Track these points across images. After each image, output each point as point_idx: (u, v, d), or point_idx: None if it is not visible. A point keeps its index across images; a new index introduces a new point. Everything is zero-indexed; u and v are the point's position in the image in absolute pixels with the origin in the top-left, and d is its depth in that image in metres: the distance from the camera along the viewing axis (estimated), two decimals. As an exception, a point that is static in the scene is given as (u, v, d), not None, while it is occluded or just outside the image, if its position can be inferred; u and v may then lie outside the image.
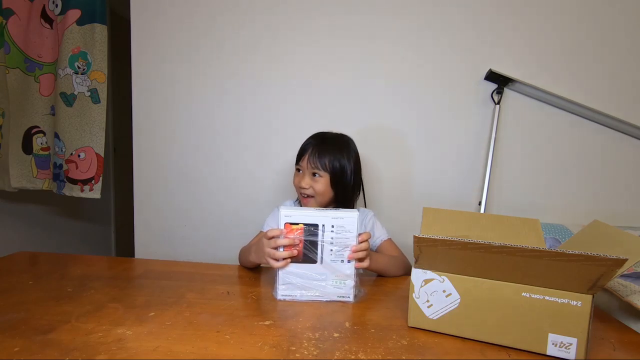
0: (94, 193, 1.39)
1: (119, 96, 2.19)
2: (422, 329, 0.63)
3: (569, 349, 0.54)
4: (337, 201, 0.96)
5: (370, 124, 1.30)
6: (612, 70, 1.21)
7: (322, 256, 0.73)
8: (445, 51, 1.25)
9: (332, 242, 0.72)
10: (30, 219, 1.73)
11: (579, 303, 0.53)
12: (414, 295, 0.63)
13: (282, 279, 0.73)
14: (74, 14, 1.32)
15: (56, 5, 1.36)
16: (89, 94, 1.35)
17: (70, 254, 1.01)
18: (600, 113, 1.20)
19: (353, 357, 0.53)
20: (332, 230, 0.72)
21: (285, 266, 0.73)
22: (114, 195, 2.33)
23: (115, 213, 2.35)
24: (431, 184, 1.30)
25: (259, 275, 0.87)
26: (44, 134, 1.44)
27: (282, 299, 0.73)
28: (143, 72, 1.35)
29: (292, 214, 0.72)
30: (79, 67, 1.34)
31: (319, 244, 0.73)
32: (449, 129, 1.28)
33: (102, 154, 1.38)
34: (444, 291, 0.60)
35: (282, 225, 0.73)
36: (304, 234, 0.72)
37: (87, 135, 1.35)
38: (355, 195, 1.00)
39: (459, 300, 0.60)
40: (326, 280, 0.73)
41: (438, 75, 1.26)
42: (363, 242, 0.74)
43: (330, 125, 1.05)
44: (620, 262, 0.48)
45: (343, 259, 0.73)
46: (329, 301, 0.73)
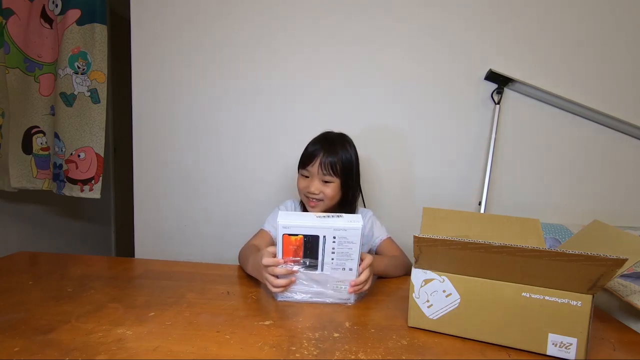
0: (94, 193, 1.39)
1: (119, 96, 2.19)
2: (422, 329, 0.63)
3: (569, 349, 0.54)
4: (342, 202, 0.97)
5: (370, 124, 1.30)
6: (612, 70, 1.21)
7: (323, 264, 0.70)
8: (445, 51, 1.25)
9: (334, 252, 0.69)
10: (30, 219, 1.73)
11: (579, 303, 0.53)
12: (414, 295, 0.63)
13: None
14: (74, 14, 1.32)
15: (56, 5, 1.36)
16: (88, 94, 1.35)
17: (70, 254, 1.01)
18: (600, 113, 1.20)
19: (353, 357, 0.53)
20: (334, 242, 0.67)
21: (284, 291, 0.71)
22: (114, 195, 2.33)
23: (115, 213, 2.35)
24: (431, 184, 1.30)
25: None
26: (44, 134, 1.44)
27: (282, 300, 0.73)
28: (143, 72, 1.35)
29: (291, 225, 0.66)
30: (78, 67, 1.34)
31: (320, 254, 0.69)
32: (449, 129, 1.28)
33: (102, 154, 1.38)
34: (444, 291, 0.60)
35: (280, 236, 0.67)
36: (304, 246, 0.68)
37: (87, 135, 1.35)
38: (357, 195, 1.00)
39: (459, 300, 0.60)
40: (326, 284, 0.71)
41: (438, 76, 1.26)
42: (363, 274, 0.71)
43: (330, 126, 1.05)
44: (620, 262, 0.48)
45: (344, 267, 0.70)
46: (329, 303, 0.73)
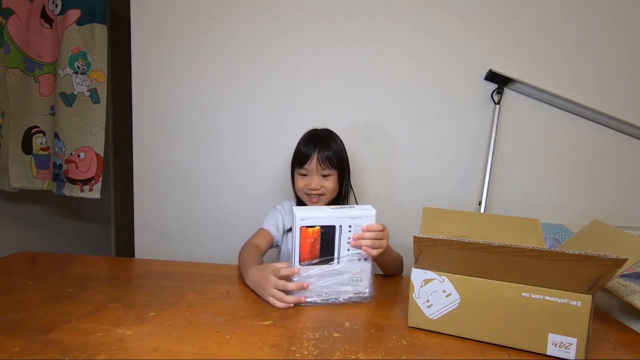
0: (94, 193, 1.39)
1: (119, 96, 2.19)
2: (422, 329, 0.63)
3: (569, 349, 0.54)
4: (339, 194, 1.00)
5: (370, 124, 1.30)
6: (612, 70, 1.21)
7: (339, 256, 0.71)
8: (445, 51, 1.25)
9: (349, 242, 0.71)
10: (30, 219, 1.73)
11: (579, 303, 0.53)
12: (414, 295, 0.63)
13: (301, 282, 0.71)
14: (74, 14, 1.32)
15: (56, 5, 1.36)
16: (88, 94, 1.35)
17: (70, 254, 1.00)
18: (600, 113, 1.20)
19: (353, 357, 0.53)
20: (350, 231, 0.71)
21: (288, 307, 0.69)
22: (114, 195, 2.33)
23: (115, 213, 2.35)
24: (431, 184, 1.30)
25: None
26: (44, 134, 1.44)
27: (300, 302, 0.70)
28: (143, 72, 1.35)
29: (308, 217, 0.68)
30: (78, 67, 1.34)
31: (336, 245, 0.70)
32: (449, 129, 1.28)
33: (102, 154, 1.38)
34: (444, 291, 0.60)
35: (298, 228, 0.68)
36: (320, 238, 0.69)
37: (87, 135, 1.35)
38: (349, 189, 1.04)
39: (459, 300, 0.60)
40: (343, 277, 0.72)
41: (438, 76, 1.26)
42: (373, 232, 0.72)
43: (331, 126, 1.05)
44: (620, 262, 0.48)
45: (360, 257, 0.72)
46: (346, 302, 0.72)
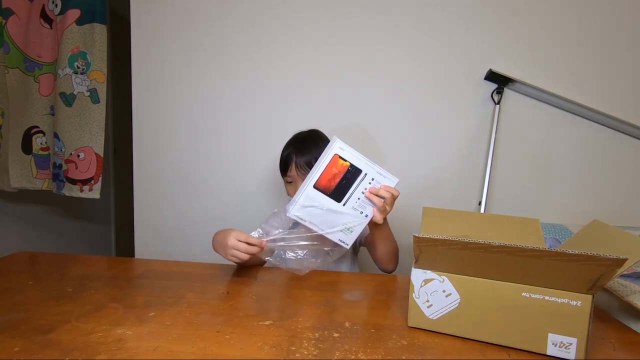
0: (94, 193, 1.39)
1: (119, 96, 2.19)
2: (422, 329, 0.63)
3: (569, 349, 0.54)
4: None
5: (370, 124, 1.30)
6: (612, 70, 1.21)
7: (348, 199, 0.75)
8: (445, 51, 1.25)
9: (363, 192, 0.75)
10: (30, 219, 1.73)
11: (579, 303, 0.53)
12: (414, 295, 0.63)
13: (303, 201, 0.74)
14: (74, 14, 1.32)
15: (56, 5, 1.36)
16: (88, 93, 1.35)
17: (70, 254, 1.00)
18: (600, 113, 1.20)
19: (353, 357, 0.53)
20: (370, 182, 0.75)
21: (244, 262, 0.73)
22: (114, 195, 2.33)
23: (115, 213, 2.35)
24: (431, 184, 1.30)
25: (260, 275, 0.87)
26: (44, 133, 1.44)
27: (293, 217, 0.75)
28: (143, 72, 1.35)
29: (346, 149, 0.73)
30: (78, 67, 1.34)
31: (352, 188, 0.74)
32: (449, 129, 1.28)
33: (102, 154, 1.38)
34: (444, 291, 0.60)
35: (332, 154, 0.72)
36: (342, 176, 0.73)
37: (87, 135, 1.35)
38: None
39: (458, 300, 0.59)
40: (339, 221, 0.75)
41: (438, 75, 1.26)
42: (390, 193, 0.75)
43: (330, 125, 1.05)
44: (620, 262, 0.48)
45: (363, 211, 0.77)
46: (326, 238, 0.77)
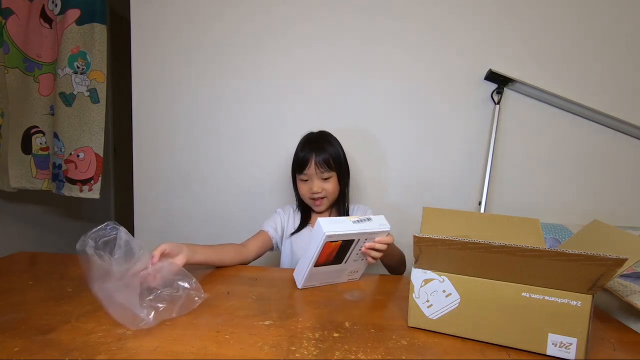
0: (93, 193, 1.39)
1: (119, 96, 2.19)
2: (422, 329, 0.63)
3: (569, 349, 0.54)
4: (341, 193, 1.02)
5: (370, 123, 1.30)
6: (612, 70, 1.21)
7: (348, 259, 0.79)
8: (445, 51, 1.25)
9: (361, 249, 0.78)
10: (30, 219, 1.73)
11: (579, 303, 0.53)
12: (413, 295, 0.63)
13: (309, 277, 0.77)
14: (74, 14, 1.32)
15: (55, 5, 1.36)
16: (88, 93, 1.35)
17: (70, 254, 1.00)
18: (600, 113, 1.20)
19: (353, 357, 0.53)
20: (365, 241, 0.78)
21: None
22: (114, 195, 2.33)
23: (115, 213, 2.35)
24: (431, 183, 1.30)
25: (259, 275, 0.87)
26: (44, 133, 1.44)
27: (304, 287, 0.78)
28: (143, 72, 1.35)
29: (334, 234, 0.72)
30: (78, 67, 1.34)
31: (350, 251, 0.77)
32: (449, 129, 1.28)
33: (102, 154, 1.38)
34: (444, 291, 0.60)
35: (323, 242, 0.71)
36: (338, 249, 0.75)
37: (87, 135, 1.35)
38: (348, 188, 1.05)
39: (458, 300, 0.59)
40: (343, 272, 0.81)
41: (438, 75, 1.26)
42: (385, 244, 0.78)
43: (331, 126, 1.05)
44: (620, 262, 0.48)
45: (363, 258, 0.81)
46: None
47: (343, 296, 0.76)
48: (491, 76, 1.22)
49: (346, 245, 0.75)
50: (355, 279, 0.85)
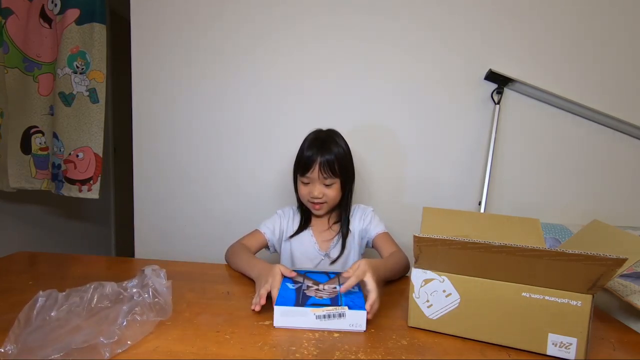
0: (92, 193, 1.39)
1: (119, 96, 2.19)
2: (422, 329, 0.63)
3: (569, 348, 0.54)
4: (343, 199, 0.98)
5: (370, 123, 1.30)
6: (612, 70, 1.21)
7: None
8: (445, 51, 1.25)
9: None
10: (30, 219, 1.73)
11: (579, 303, 0.53)
12: (414, 295, 0.63)
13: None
14: (73, 14, 1.32)
15: (55, 5, 1.35)
16: (87, 93, 1.35)
17: (70, 254, 1.00)
18: (600, 113, 1.20)
19: (353, 357, 0.53)
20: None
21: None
22: (114, 195, 2.33)
23: (115, 213, 2.35)
24: (431, 183, 1.30)
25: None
26: (43, 133, 1.44)
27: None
28: (143, 72, 1.35)
29: (287, 326, 0.61)
30: (77, 67, 1.33)
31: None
32: (449, 129, 1.28)
33: (101, 154, 1.37)
34: (444, 291, 0.60)
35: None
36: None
37: (86, 135, 1.35)
38: (353, 189, 1.02)
39: (458, 300, 0.60)
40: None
41: (438, 75, 1.26)
42: (372, 296, 0.65)
43: (330, 125, 1.04)
44: (620, 262, 0.48)
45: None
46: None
47: (343, 296, 0.76)
48: (491, 76, 1.22)
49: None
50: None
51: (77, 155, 1.36)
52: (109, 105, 2.08)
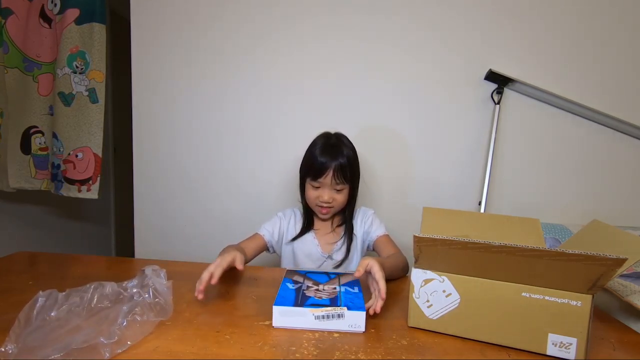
0: (92, 193, 1.39)
1: (119, 96, 2.19)
2: (422, 329, 0.63)
3: (569, 349, 0.54)
4: (349, 203, 0.99)
5: (370, 124, 1.30)
6: (612, 70, 1.22)
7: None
8: (445, 51, 1.25)
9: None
10: (30, 219, 1.73)
11: (579, 303, 0.53)
12: (414, 295, 0.63)
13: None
14: (73, 13, 1.32)
15: (55, 5, 1.35)
16: (87, 93, 1.35)
17: (70, 254, 1.00)
18: (600, 113, 1.20)
19: (353, 357, 0.53)
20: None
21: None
22: (114, 195, 2.33)
23: (115, 213, 2.35)
24: (431, 184, 1.30)
25: (259, 275, 0.87)
26: (43, 133, 1.44)
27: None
28: (143, 72, 1.35)
29: (286, 327, 0.61)
30: (77, 67, 1.33)
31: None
32: (449, 129, 1.28)
33: (100, 154, 1.37)
34: (444, 291, 0.60)
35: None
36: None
37: (85, 135, 1.35)
38: (357, 191, 1.02)
39: (458, 300, 0.60)
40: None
41: (438, 76, 1.26)
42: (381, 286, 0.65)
43: (330, 125, 1.05)
44: (620, 262, 0.48)
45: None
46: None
47: (343, 296, 0.76)
48: (491, 76, 1.22)
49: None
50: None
51: (77, 155, 1.36)
52: (109, 105, 2.08)
